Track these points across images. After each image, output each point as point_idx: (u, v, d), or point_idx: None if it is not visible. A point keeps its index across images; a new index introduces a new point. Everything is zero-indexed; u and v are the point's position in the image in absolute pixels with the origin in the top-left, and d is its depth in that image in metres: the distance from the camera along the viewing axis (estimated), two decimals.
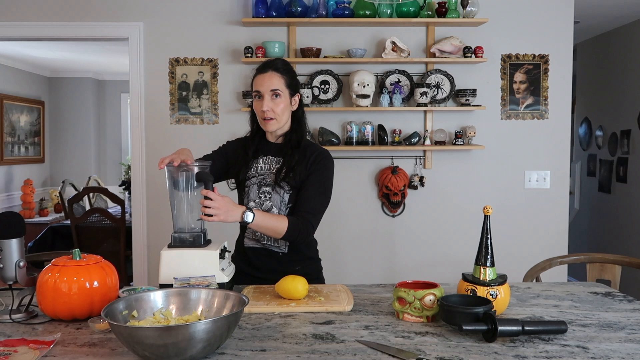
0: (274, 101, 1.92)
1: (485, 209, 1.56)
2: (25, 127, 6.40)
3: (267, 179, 1.97)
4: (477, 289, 1.53)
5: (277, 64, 1.96)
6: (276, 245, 1.98)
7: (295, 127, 2.01)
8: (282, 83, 1.93)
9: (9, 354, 1.25)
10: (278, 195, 1.95)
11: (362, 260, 3.61)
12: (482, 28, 3.53)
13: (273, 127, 1.96)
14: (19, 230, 1.56)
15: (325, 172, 1.98)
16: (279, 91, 1.92)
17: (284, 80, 1.94)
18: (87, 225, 4.35)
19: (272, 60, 1.99)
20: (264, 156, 2.02)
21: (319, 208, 1.94)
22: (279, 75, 1.93)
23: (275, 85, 1.92)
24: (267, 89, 1.92)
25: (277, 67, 1.95)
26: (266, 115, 1.93)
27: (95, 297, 1.50)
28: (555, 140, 3.62)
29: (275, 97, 1.92)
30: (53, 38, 3.63)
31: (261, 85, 1.92)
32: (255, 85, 1.95)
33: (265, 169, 2.00)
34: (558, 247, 3.62)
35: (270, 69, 1.94)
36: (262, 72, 1.95)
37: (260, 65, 1.98)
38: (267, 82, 1.92)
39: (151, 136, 3.55)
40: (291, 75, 1.98)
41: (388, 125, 3.53)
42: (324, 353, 1.28)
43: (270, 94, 1.92)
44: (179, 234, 1.80)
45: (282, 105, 1.94)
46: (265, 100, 1.92)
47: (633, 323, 1.49)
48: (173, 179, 1.82)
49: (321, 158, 1.98)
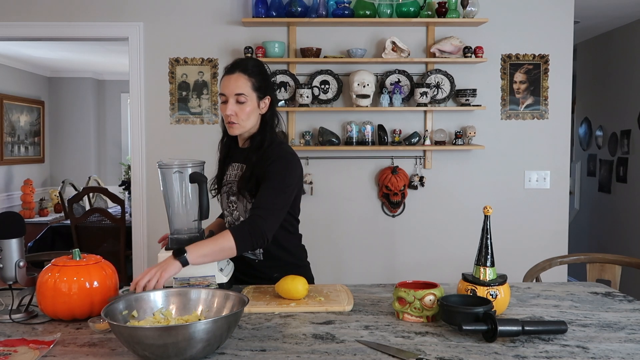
0: (239, 106, 1.82)
1: (485, 209, 1.56)
2: (25, 127, 6.40)
3: (233, 188, 1.90)
4: (477, 289, 1.53)
5: (247, 65, 1.85)
6: (251, 252, 1.91)
7: (261, 130, 1.88)
8: (248, 86, 1.82)
9: (9, 354, 1.25)
10: (242, 205, 1.88)
11: (362, 260, 3.61)
12: (482, 28, 3.53)
13: (236, 132, 1.87)
14: (19, 230, 1.56)
15: (280, 169, 1.81)
16: (244, 95, 1.81)
17: (251, 83, 1.82)
18: (87, 225, 4.35)
19: (242, 60, 1.88)
20: (233, 163, 1.95)
21: (271, 201, 1.76)
22: (245, 78, 1.82)
23: (240, 89, 1.81)
24: (231, 93, 1.81)
25: (246, 69, 1.83)
26: (229, 119, 1.83)
27: (95, 297, 1.50)
28: (555, 140, 3.62)
29: (239, 102, 1.82)
30: (53, 38, 3.63)
31: (226, 88, 1.82)
32: (221, 87, 1.85)
33: (232, 176, 1.93)
34: (558, 247, 3.62)
35: (238, 69, 1.83)
36: (229, 73, 1.84)
37: (228, 65, 1.87)
38: (233, 85, 1.81)
39: (151, 136, 3.55)
40: (262, 77, 1.86)
41: (388, 125, 3.53)
42: (324, 353, 1.28)
43: (234, 97, 1.81)
44: (175, 236, 1.79)
45: (248, 110, 1.82)
46: (229, 104, 1.82)
47: (633, 323, 1.49)
48: (167, 180, 1.81)
49: (275, 158, 1.82)
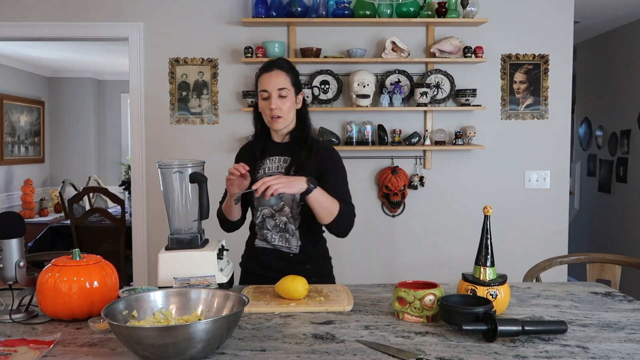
0: (281, 100, 1.93)
1: (485, 209, 1.56)
2: (25, 127, 6.40)
3: None
4: (477, 289, 1.53)
5: (282, 63, 1.98)
6: (287, 247, 1.99)
7: (301, 124, 2.02)
8: (288, 81, 1.95)
9: (9, 354, 1.25)
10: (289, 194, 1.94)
11: (362, 260, 3.61)
12: (482, 28, 3.53)
13: (280, 126, 1.96)
14: (19, 230, 1.55)
15: (341, 164, 2.03)
16: (286, 89, 1.93)
17: (289, 78, 1.95)
18: (87, 225, 4.35)
19: (276, 60, 2.00)
20: (271, 156, 2.02)
21: (349, 194, 2.00)
22: (284, 74, 1.95)
23: (281, 83, 1.93)
24: (274, 88, 1.92)
25: (282, 66, 1.96)
26: (274, 113, 1.93)
27: (95, 297, 1.50)
28: (555, 140, 3.62)
29: (281, 97, 1.93)
30: (53, 38, 3.63)
31: (268, 84, 1.93)
32: (262, 84, 1.95)
33: (273, 168, 2.00)
34: (558, 247, 3.62)
35: (275, 67, 1.95)
36: (268, 70, 1.95)
37: (264, 65, 1.99)
38: (274, 80, 1.93)
39: (151, 136, 3.55)
40: (295, 73, 2.00)
41: (388, 125, 3.53)
42: (324, 353, 1.28)
43: (277, 92, 1.92)
44: (175, 236, 1.79)
45: (289, 104, 1.95)
46: (272, 98, 1.92)
47: (633, 323, 1.49)
48: (167, 180, 1.81)
49: (330, 152, 2.02)
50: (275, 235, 1.98)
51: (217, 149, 3.53)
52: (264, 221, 2.00)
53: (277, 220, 1.98)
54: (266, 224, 1.99)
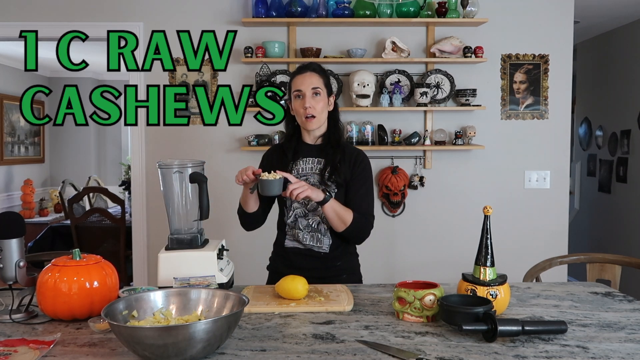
0: (315, 99, 1.98)
1: (485, 209, 1.56)
2: (25, 127, 6.40)
3: (310, 179, 2.01)
4: (477, 289, 1.53)
5: (314, 66, 2.05)
6: (318, 246, 2.02)
7: (333, 127, 2.07)
8: (321, 82, 2.01)
9: (9, 354, 1.25)
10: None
11: (362, 260, 3.57)
12: (482, 28, 3.53)
13: (314, 125, 2.01)
14: (19, 230, 1.56)
15: (369, 173, 2.07)
16: (319, 89, 1.99)
17: (322, 79, 2.02)
18: (87, 225, 4.35)
19: (309, 63, 2.08)
20: (304, 158, 2.05)
21: (372, 208, 2.05)
22: (317, 75, 2.01)
23: (315, 83, 1.99)
24: (308, 87, 1.98)
25: (315, 68, 2.03)
26: (308, 112, 1.97)
27: (95, 297, 1.50)
28: (555, 140, 3.62)
29: (315, 96, 1.98)
30: (53, 38, 3.62)
31: (302, 84, 1.99)
32: (295, 84, 2.00)
33: (307, 169, 2.03)
34: (558, 247, 3.62)
35: (308, 69, 2.02)
36: (302, 72, 2.02)
37: (297, 68, 2.06)
38: (308, 80, 1.99)
39: (151, 136, 3.54)
40: (327, 76, 2.06)
41: (388, 125, 3.53)
42: (324, 353, 1.28)
43: (311, 92, 1.98)
44: (175, 236, 1.79)
45: (322, 104, 2.00)
46: (306, 98, 1.97)
47: (633, 323, 1.49)
48: (167, 180, 1.81)
49: (362, 158, 2.06)
50: (307, 235, 2.01)
51: (217, 149, 3.53)
52: (296, 221, 2.03)
53: (310, 220, 2.01)
54: (298, 223, 2.02)
